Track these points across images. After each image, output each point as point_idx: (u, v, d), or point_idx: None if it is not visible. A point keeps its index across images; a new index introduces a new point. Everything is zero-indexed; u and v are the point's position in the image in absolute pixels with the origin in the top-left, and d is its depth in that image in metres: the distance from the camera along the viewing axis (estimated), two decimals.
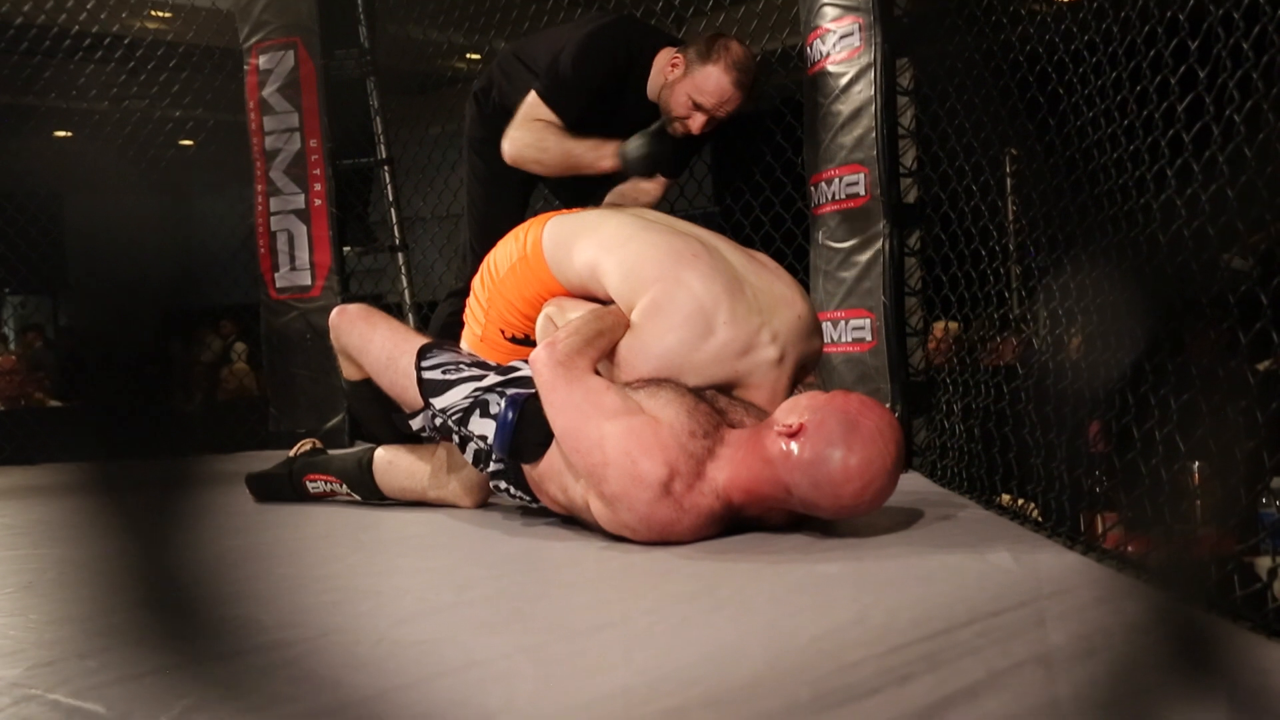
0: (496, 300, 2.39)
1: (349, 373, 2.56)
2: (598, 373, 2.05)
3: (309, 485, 2.68)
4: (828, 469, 1.80)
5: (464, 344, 2.47)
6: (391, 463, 2.53)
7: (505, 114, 2.94)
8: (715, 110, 2.76)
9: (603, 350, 2.08)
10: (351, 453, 2.67)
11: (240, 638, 1.38)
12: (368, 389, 2.48)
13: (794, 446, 1.82)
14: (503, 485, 2.18)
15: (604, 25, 2.97)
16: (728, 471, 1.87)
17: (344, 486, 2.61)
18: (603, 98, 2.87)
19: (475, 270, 3.05)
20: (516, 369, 2.24)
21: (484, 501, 2.46)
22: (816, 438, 1.81)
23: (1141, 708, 1.02)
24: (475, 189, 3.09)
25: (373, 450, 2.58)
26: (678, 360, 2.05)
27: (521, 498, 2.17)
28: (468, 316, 2.49)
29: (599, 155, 2.83)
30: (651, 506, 1.83)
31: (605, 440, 1.87)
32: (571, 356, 2.00)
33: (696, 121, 2.77)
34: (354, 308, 2.53)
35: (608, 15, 3.23)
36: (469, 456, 2.22)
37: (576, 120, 2.85)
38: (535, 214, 2.63)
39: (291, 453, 2.87)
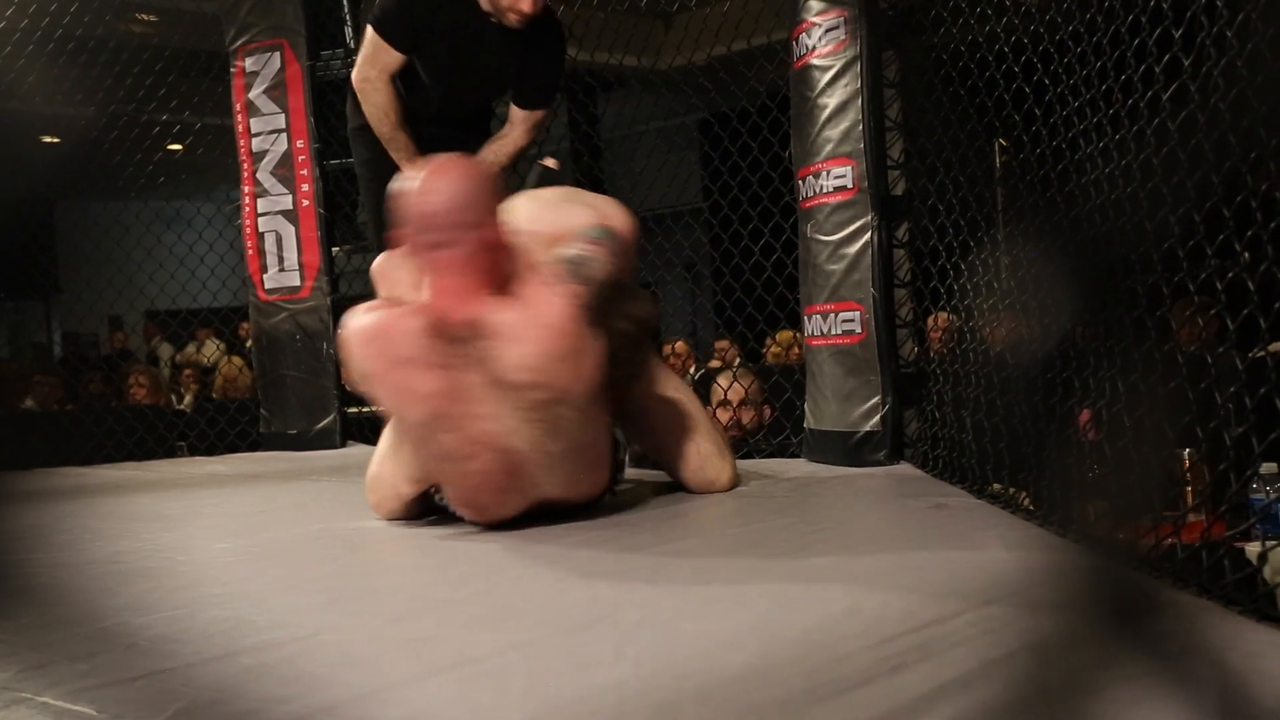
0: None
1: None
2: None
3: None
4: None
5: None
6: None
7: None
8: None
9: None
10: None
11: (233, 638, 1.38)
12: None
13: None
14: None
15: None
16: None
17: None
18: (438, 23, 3.01)
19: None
20: None
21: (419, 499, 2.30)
22: None
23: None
24: (364, 173, 3.20)
25: None
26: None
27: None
28: None
29: (401, 156, 3.05)
30: None
31: None
32: None
33: (528, 1, 2.93)
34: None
35: None
36: None
37: (418, 50, 3.00)
38: None
39: None
